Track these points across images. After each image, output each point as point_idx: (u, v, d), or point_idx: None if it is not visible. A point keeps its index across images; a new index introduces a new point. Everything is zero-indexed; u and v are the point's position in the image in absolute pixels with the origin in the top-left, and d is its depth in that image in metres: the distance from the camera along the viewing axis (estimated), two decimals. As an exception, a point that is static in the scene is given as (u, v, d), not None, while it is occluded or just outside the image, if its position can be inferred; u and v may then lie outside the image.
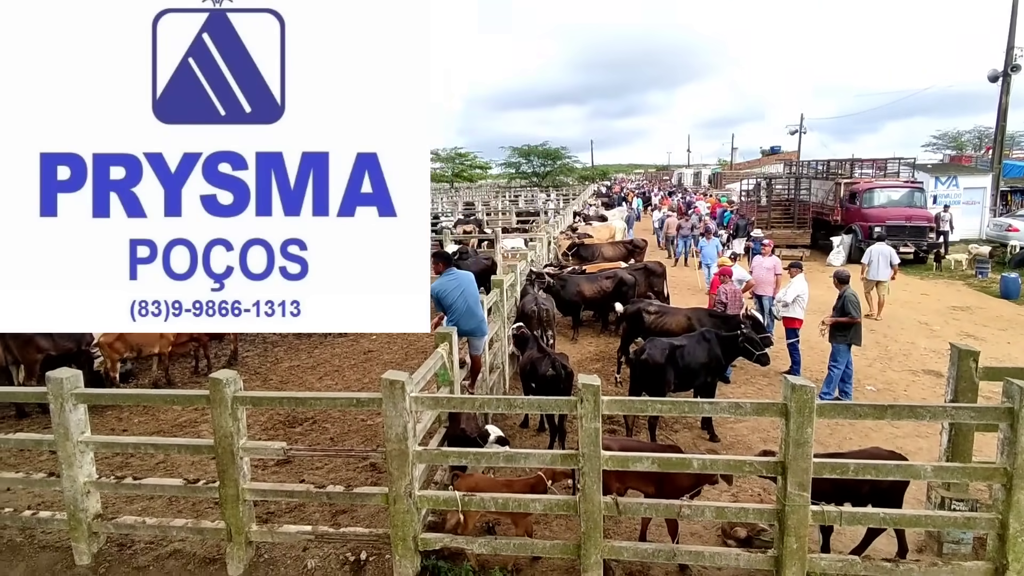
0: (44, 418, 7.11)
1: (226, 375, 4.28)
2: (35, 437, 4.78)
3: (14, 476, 4.80)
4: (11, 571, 4.54)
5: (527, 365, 6.46)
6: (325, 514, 5.05)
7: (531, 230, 21.27)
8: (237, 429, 4.28)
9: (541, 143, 65.20)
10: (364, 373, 8.88)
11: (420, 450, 4.25)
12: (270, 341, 10.82)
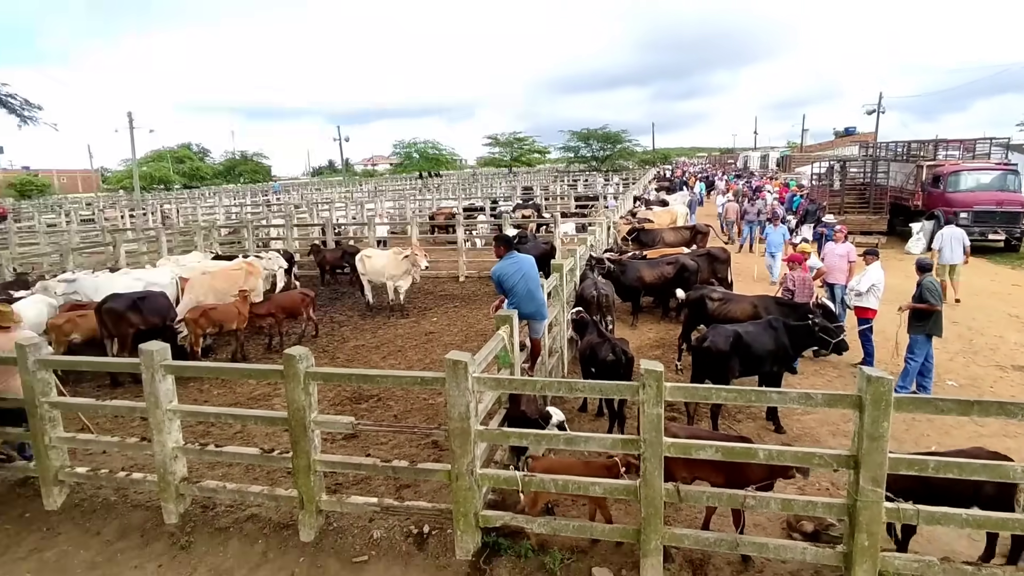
0: (135, 387, 7.67)
1: (299, 351, 4.48)
2: (129, 404, 5.15)
3: (111, 440, 5.21)
4: (106, 528, 4.95)
5: (587, 350, 6.45)
6: (390, 488, 5.24)
7: (589, 215, 21.06)
8: (309, 403, 4.49)
9: (601, 127, 64.23)
10: (425, 354, 9.09)
11: (482, 429, 4.34)
12: (336, 321, 11.23)
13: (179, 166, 66.18)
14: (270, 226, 18.95)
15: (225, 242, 17.18)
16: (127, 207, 31.53)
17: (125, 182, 58.02)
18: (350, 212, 25.68)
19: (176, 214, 27.71)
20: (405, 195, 34.01)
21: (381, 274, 11.64)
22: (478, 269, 14.84)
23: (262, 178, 72.21)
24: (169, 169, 62.29)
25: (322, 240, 16.63)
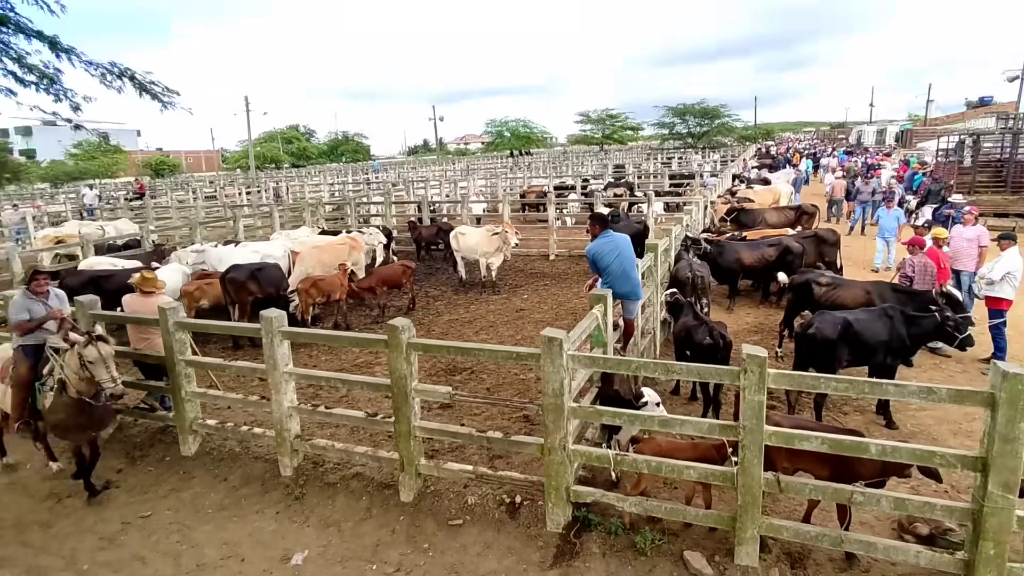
0: (253, 351, 8.39)
1: (401, 323, 4.71)
2: (251, 365, 5.65)
3: (235, 397, 5.75)
4: (231, 475, 5.50)
5: (682, 332, 6.31)
6: (483, 457, 5.43)
7: (684, 194, 20.34)
8: (410, 372, 4.73)
9: (698, 101, 61.37)
10: (517, 330, 9.25)
11: (575, 406, 4.39)
12: (431, 296, 11.65)
13: (288, 146, 70.54)
14: (370, 203, 19.82)
15: (330, 218, 18.19)
16: (243, 185, 34.09)
17: (242, 162, 62.58)
18: (444, 190, 26.33)
19: (285, 191, 29.62)
20: (496, 173, 34.37)
21: (474, 251, 11.90)
22: (568, 248, 14.80)
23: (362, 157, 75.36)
24: (279, 149, 66.54)
25: (418, 217, 17.20)
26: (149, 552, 4.55)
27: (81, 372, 4.78)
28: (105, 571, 4.38)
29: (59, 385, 4.95)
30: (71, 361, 4.85)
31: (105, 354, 4.76)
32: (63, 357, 4.95)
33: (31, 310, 5.20)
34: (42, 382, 5.12)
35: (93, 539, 4.74)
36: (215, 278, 9.07)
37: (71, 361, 4.85)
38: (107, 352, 4.78)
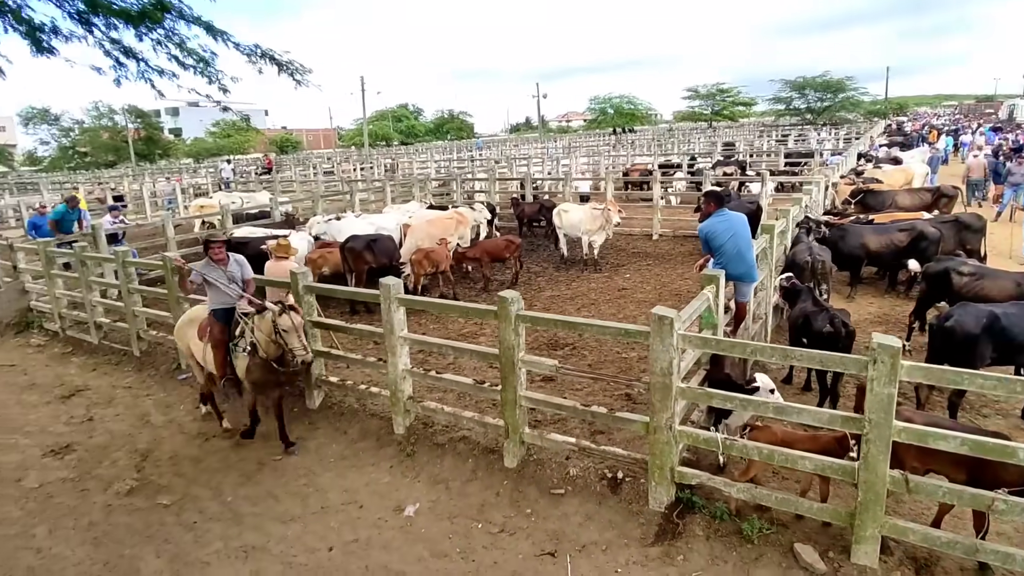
0: (367, 316, 8.95)
1: (511, 295, 4.84)
2: (369, 329, 6.04)
3: (355, 357, 6.18)
4: (350, 429, 5.95)
5: (799, 318, 5.99)
6: (584, 431, 5.49)
7: (802, 173, 19.01)
8: (518, 343, 4.85)
9: (820, 74, 56.60)
10: (618, 308, 9.18)
11: (684, 387, 4.33)
12: (533, 272, 11.79)
13: (397, 124, 73.34)
14: (475, 179, 20.24)
15: (436, 193, 18.79)
16: (358, 161, 35.94)
17: (356, 139, 65.97)
18: (546, 168, 26.33)
19: (396, 168, 30.92)
20: (598, 151, 33.82)
21: (577, 228, 11.87)
22: (672, 228, 14.38)
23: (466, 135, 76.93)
24: (389, 127, 69.36)
25: (520, 194, 17.35)
26: (281, 491, 5.05)
27: (273, 337, 5.13)
28: (245, 504, 4.92)
29: (251, 347, 5.35)
30: (263, 326, 5.21)
31: (297, 323, 5.08)
32: (253, 321, 5.33)
33: (207, 274, 5.50)
34: (235, 343, 5.52)
35: (235, 475, 5.33)
36: (335, 247, 9.71)
37: (263, 326, 5.21)
38: (298, 322, 5.11)
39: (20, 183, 33.00)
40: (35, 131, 58.99)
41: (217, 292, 5.53)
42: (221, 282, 5.47)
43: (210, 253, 5.54)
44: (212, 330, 5.60)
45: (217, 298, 5.57)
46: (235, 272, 5.62)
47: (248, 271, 5.77)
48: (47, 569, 4.30)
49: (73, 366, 8.30)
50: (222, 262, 5.56)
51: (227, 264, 5.59)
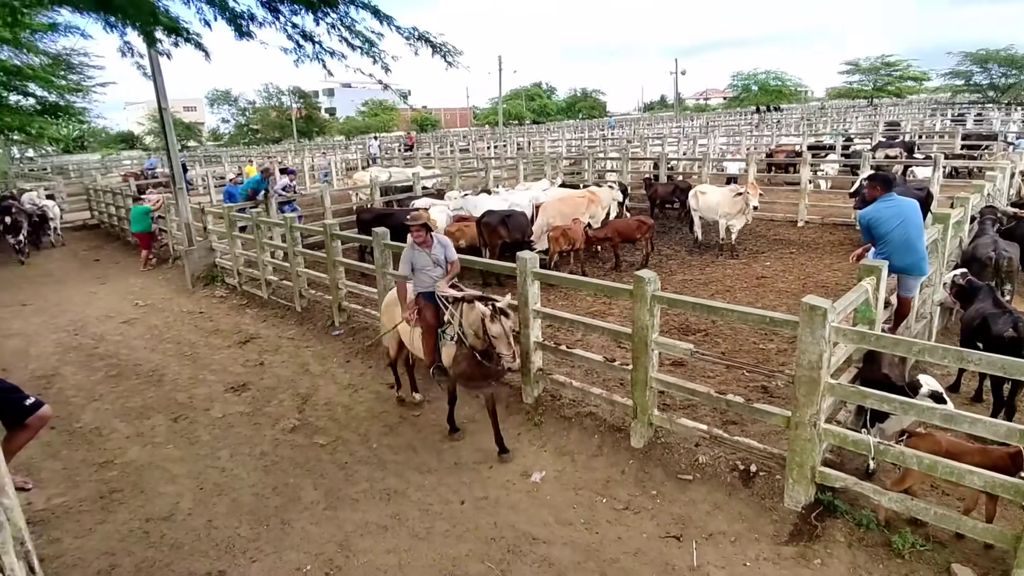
0: (498, 288, 9.27)
1: (648, 275, 4.78)
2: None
3: (489, 326, 6.44)
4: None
5: (975, 319, 5.31)
6: (715, 419, 5.33)
7: (980, 158, 16.56)
8: (652, 324, 4.80)
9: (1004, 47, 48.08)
10: (757, 297, 8.70)
11: (833, 383, 4.05)
12: (664, 255, 11.49)
13: (530, 103, 74.03)
14: (606, 159, 19.97)
15: (567, 172, 18.84)
16: (491, 139, 36.87)
17: (490, 118, 67.61)
18: (681, 147, 25.30)
19: (527, 146, 31.32)
20: (739, 131, 31.80)
21: (714, 211, 11.34)
22: (821, 215, 13.25)
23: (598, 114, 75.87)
24: (523, 106, 70.22)
25: (653, 174, 16.87)
26: (419, 444, 5.46)
27: (479, 332, 4.80)
28: (388, 452, 5.39)
29: (457, 337, 5.06)
30: (471, 319, 4.88)
31: (507, 329, 4.69)
32: (459, 311, 5.05)
33: (414, 261, 5.29)
34: (443, 330, 5.22)
35: (380, 425, 5.85)
36: (471, 222, 10.12)
37: (471, 319, 4.88)
38: (508, 327, 4.71)
39: (206, 156, 37.78)
40: (218, 111, 67.70)
41: (423, 276, 5.34)
42: (427, 268, 5.28)
43: (412, 237, 5.33)
44: (423, 313, 5.30)
45: (424, 281, 5.34)
46: (439, 255, 5.35)
47: (452, 252, 5.47)
48: (229, 486, 5.03)
49: (248, 316, 9.49)
50: (426, 245, 5.30)
51: (431, 247, 5.32)
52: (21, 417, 3.80)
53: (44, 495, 4.98)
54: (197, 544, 4.36)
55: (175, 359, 7.92)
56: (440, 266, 5.37)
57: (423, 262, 5.32)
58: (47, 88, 12.91)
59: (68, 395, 6.93)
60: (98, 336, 9.09)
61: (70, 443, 5.88)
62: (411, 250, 5.36)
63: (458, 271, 5.55)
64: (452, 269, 5.48)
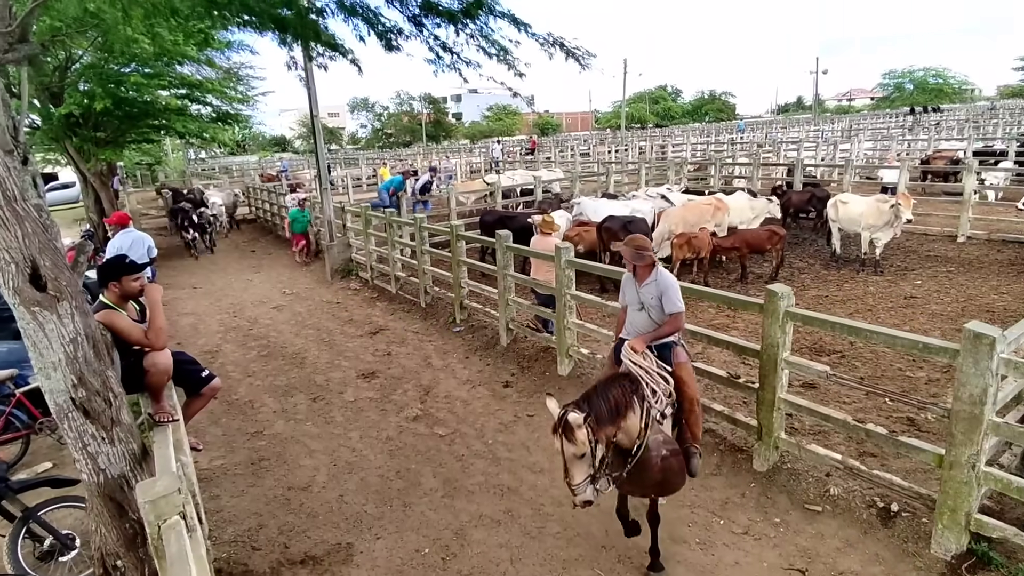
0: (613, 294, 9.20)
1: (781, 289, 4.53)
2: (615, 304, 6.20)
3: (607, 333, 6.42)
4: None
5: None
6: (850, 449, 4.94)
7: None
8: (783, 341, 4.54)
9: None
10: (903, 319, 7.90)
11: (999, 421, 3.60)
12: (796, 268, 10.77)
13: (654, 106, 72.45)
14: (734, 164, 19.05)
15: (692, 178, 18.21)
16: (612, 143, 36.52)
17: (611, 121, 67.04)
18: (819, 153, 23.50)
19: (650, 150, 30.66)
20: (888, 134, 28.92)
21: (856, 223, 10.44)
22: (987, 229, 11.73)
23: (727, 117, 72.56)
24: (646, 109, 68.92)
25: (787, 181, 15.84)
26: (532, 444, 5.58)
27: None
28: (503, 449, 5.55)
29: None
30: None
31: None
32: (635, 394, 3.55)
33: (625, 291, 4.18)
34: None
35: (495, 422, 6.04)
36: (591, 226, 10.12)
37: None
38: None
39: (346, 159, 40.94)
40: (358, 117, 73.04)
41: (630, 316, 4.13)
42: (633, 306, 4.10)
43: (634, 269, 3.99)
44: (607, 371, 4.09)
45: (628, 325, 4.14)
46: (650, 297, 3.93)
47: (671, 301, 3.88)
48: (359, 465, 5.45)
49: (378, 309, 10.19)
50: (639, 277, 3.98)
51: (643, 281, 3.96)
52: (197, 387, 4.39)
53: (207, 456, 5.69)
54: (330, 516, 4.77)
55: (315, 344, 8.69)
56: (649, 314, 3.98)
57: (629, 296, 4.12)
58: (221, 98, 14.68)
59: (228, 370, 7.85)
60: (252, 319, 10.20)
61: (228, 412, 6.67)
62: (627, 275, 4.16)
63: (675, 330, 3.95)
64: (666, 326, 3.90)
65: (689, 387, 3.88)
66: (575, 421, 3.23)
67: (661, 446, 3.59)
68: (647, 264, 3.98)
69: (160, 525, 2.50)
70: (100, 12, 7.46)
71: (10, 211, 2.77)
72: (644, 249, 3.95)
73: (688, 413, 3.89)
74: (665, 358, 3.93)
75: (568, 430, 3.24)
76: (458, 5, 5.95)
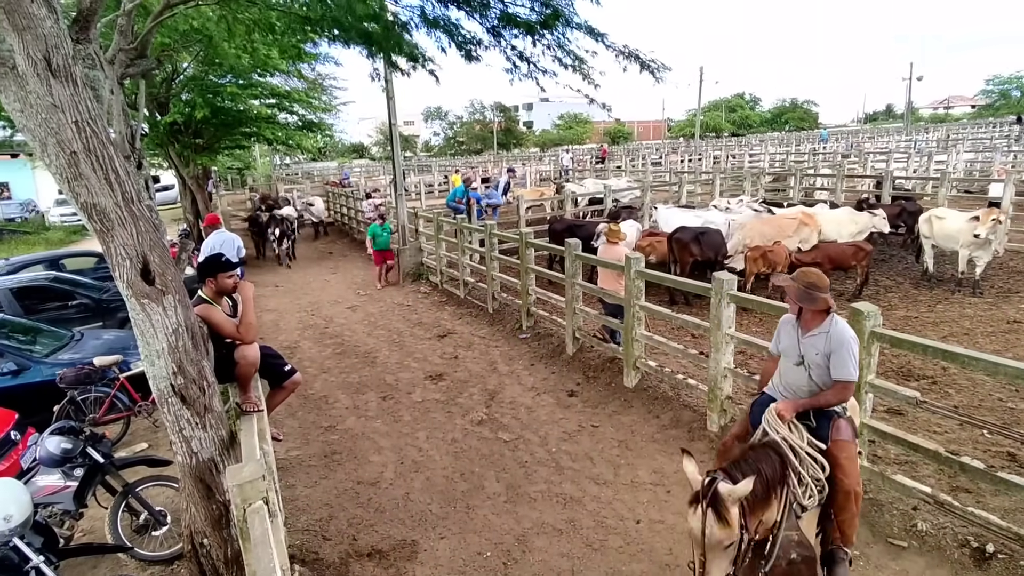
0: (686, 307, 8.98)
1: (867, 308, 4.31)
2: (695, 320, 6.06)
3: (676, 346, 6.29)
4: (663, 414, 6.11)
5: None
6: (941, 483, 4.60)
7: None
8: (868, 363, 4.30)
9: None
10: (1006, 345, 7.29)
11: (1119, 463, 3.27)
12: (882, 286, 10.16)
13: (730, 115, 70.41)
14: (816, 175, 18.20)
15: (769, 189, 17.54)
16: (685, 152, 35.74)
17: (686, 130, 65.67)
18: (911, 164, 22.05)
19: (724, 160, 29.78)
20: (991, 145, 26.79)
21: (953, 240, 9.73)
22: (1110, 252, 10.64)
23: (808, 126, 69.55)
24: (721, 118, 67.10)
25: (874, 194, 14.97)
26: (596, 456, 5.52)
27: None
28: (566, 458, 5.53)
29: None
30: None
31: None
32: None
33: (781, 336, 3.41)
34: None
35: (559, 430, 6.03)
36: (663, 236, 9.94)
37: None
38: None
39: (419, 165, 42.13)
40: (431, 125, 75.16)
41: (783, 370, 3.37)
42: (790, 357, 3.31)
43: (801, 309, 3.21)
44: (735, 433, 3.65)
45: (781, 379, 3.40)
46: (814, 351, 3.16)
47: (842, 366, 3.09)
48: (425, 465, 5.58)
49: (446, 313, 10.41)
50: (806, 323, 3.22)
51: (811, 328, 3.20)
52: (280, 380, 4.64)
53: (284, 447, 5.98)
54: (396, 512, 4.91)
55: (386, 344, 8.98)
56: (809, 372, 3.19)
57: (786, 344, 3.33)
58: (306, 108, 15.50)
59: (304, 365, 8.23)
60: (328, 318, 10.66)
61: (304, 406, 6.99)
62: (787, 316, 3.44)
63: (841, 401, 3.18)
64: (829, 395, 3.14)
65: (849, 476, 3.05)
66: (730, 494, 2.50)
67: (791, 547, 2.83)
68: (820, 310, 3.15)
69: (246, 508, 2.66)
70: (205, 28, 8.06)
71: (127, 211, 3.05)
72: (817, 289, 3.12)
73: (841, 509, 3.10)
74: (821, 432, 3.14)
75: (719, 505, 2.51)
76: (536, 17, 6.03)
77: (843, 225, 10.72)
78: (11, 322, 7.35)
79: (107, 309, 9.13)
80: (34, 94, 2.72)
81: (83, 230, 23.18)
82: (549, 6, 5.74)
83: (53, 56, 2.72)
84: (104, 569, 4.33)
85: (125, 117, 3.63)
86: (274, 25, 5.30)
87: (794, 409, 3.15)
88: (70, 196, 2.97)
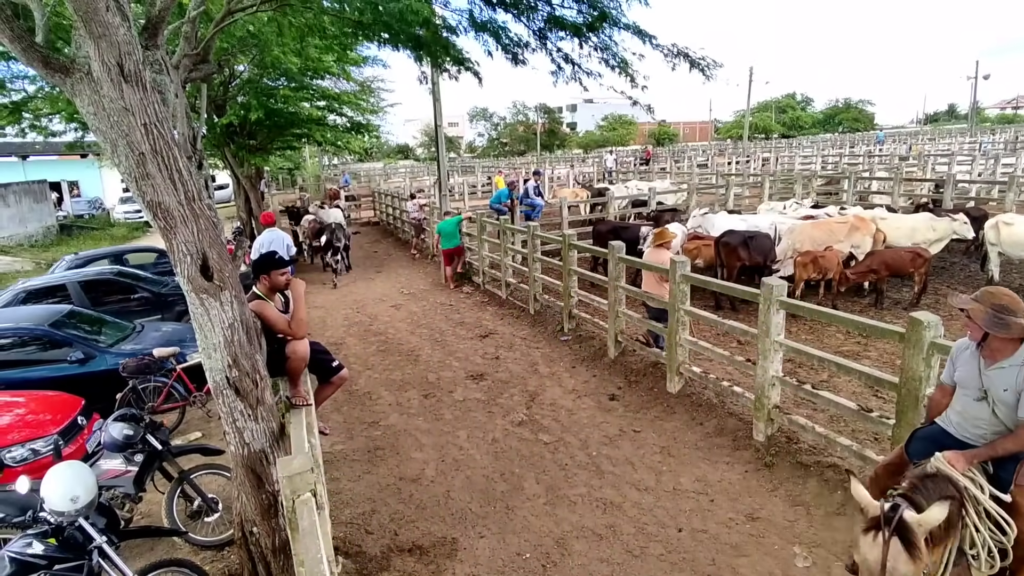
0: (732, 313, 8.79)
1: (928, 318, 4.13)
2: (742, 327, 5.92)
3: (722, 353, 6.16)
4: (707, 422, 5.99)
5: None
6: (1006, 504, 4.36)
7: None
8: (928, 376, 4.13)
9: None
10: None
11: None
12: (941, 293, 9.69)
13: (780, 116, 68.48)
14: (871, 178, 17.52)
15: (821, 192, 16.98)
16: (732, 154, 34.96)
17: (733, 131, 64.24)
18: (976, 168, 21.00)
19: (775, 162, 29.00)
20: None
21: (1022, 247, 9.24)
22: None
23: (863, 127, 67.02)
24: (771, 119, 65.34)
25: (932, 198, 14.33)
26: (638, 461, 5.46)
27: None
28: (607, 462, 5.48)
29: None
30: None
31: None
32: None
33: (956, 366, 3.06)
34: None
35: (599, 434, 5.98)
36: (710, 240, 9.75)
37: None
38: None
39: (463, 166, 42.55)
40: (476, 126, 75.87)
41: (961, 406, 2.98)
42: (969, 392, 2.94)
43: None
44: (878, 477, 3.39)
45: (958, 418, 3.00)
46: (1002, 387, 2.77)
47: None
48: (465, 463, 5.62)
49: (488, 313, 10.48)
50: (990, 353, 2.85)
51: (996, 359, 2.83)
52: (328, 376, 4.76)
53: (329, 441, 6.13)
54: (436, 509, 4.97)
55: (428, 343, 9.09)
56: (995, 409, 2.80)
57: (963, 374, 2.95)
58: (355, 110, 15.85)
59: (350, 361, 8.41)
60: (373, 315, 10.87)
61: (349, 401, 7.15)
62: (962, 342, 3.06)
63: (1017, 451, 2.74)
64: (1009, 442, 2.73)
65: None
66: (920, 523, 2.20)
67: None
68: (1013, 338, 2.70)
69: (295, 499, 2.74)
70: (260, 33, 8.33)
71: (189, 209, 3.18)
72: (1011, 313, 2.68)
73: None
74: (1003, 477, 2.72)
75: (908, 534, 2.21)
76: (583, 19, 6.01)
77: (920, 232, 9.95)
78: (80, 313, 7.76)
79: (166, 303, 9.55)
80: (107, 98, 2.88)
81: (144, 227, 24.37)
82: (596, 7, 5.70)
83: (126, 62, 2.86)
84: (160, 552, 4.52)
85: (188, 119, 3.80)
86: (326, 28, 5.45)
87: (967, 463, 2.72)
88: (137, 195, 3.12)
